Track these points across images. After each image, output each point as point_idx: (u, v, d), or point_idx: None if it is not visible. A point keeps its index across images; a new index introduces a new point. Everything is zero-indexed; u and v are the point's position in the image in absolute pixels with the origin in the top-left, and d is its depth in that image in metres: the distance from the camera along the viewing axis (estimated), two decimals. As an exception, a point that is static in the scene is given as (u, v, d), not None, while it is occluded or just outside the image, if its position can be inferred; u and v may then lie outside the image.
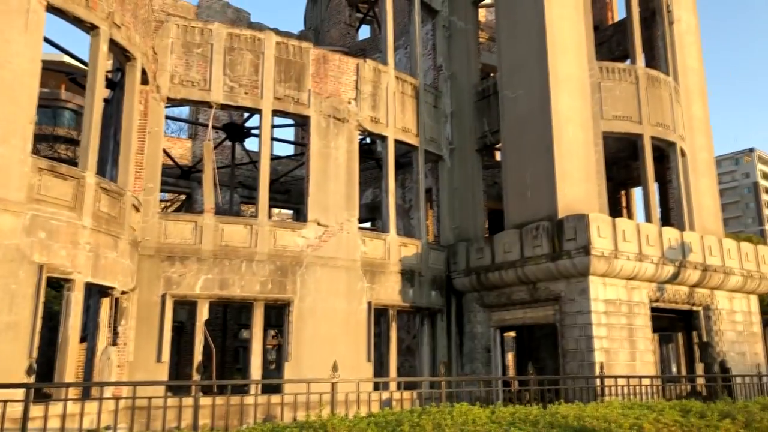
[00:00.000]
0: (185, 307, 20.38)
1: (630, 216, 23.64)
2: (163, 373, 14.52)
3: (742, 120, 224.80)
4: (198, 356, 15.16)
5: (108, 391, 11.96)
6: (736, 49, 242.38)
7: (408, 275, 18.56)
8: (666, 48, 21.04)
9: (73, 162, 19.50)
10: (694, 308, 18.38)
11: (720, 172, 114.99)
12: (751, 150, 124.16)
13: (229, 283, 15.64)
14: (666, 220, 20.77)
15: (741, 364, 18.30)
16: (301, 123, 19.17)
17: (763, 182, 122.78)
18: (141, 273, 14.73)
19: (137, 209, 14.44)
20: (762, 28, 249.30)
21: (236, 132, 21.49)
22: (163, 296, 14.91)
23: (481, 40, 22.71)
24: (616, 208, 23.05)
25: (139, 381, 12.17)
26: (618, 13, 25.22)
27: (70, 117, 38.27)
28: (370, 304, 17.43)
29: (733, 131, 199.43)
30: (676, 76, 20.91)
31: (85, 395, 11.24)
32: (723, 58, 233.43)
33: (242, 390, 15.19)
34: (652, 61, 21.29)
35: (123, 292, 13.65)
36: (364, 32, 29.71)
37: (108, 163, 15.18)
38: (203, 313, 15.42)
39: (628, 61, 20.59)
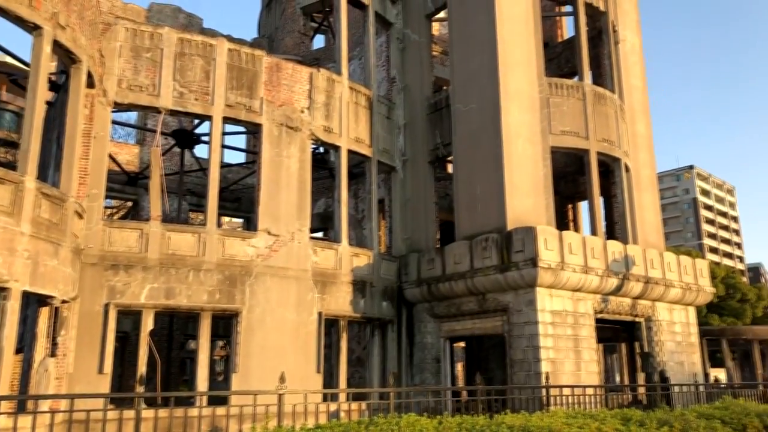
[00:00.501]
0: (130, 317, 19.82)
1: (576, 229, 24.23)
2: (105, 385, 14.06)
3: (683, 138, 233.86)
4: (142, 367, 14.75)
5: (45, 405, 11.49)
6: (679, 70, 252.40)
7: (359, 286, 18.53)
8: (612, 66, 21.73)
9: (13, 166, 18.78)
10: (637, 319, 18.92)
11: (662, 188, 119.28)
12: (691, 167, 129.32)
13: (175, 293, 15.30)
14: (611, 234, 21.37)
15: (680, 374, 18.92)
16: (253, 131, 18.98)
17: (701, 198, 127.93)
18: (83, 281, 14.27)
19: (80, 216, 13.99)
20: (705, 53, 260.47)
21: (186, 138, 21.11)
22: (107, 306, 14.47)
23: (434, 53, 23.00)
24: (563, 221, 23.59)
25: (78, 393, 11.73)
26: (567, 31, 25.96)
27: (11, 119, 36.82)
28: (320, 314, 17.31)
29: (674, 149, 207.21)
30: (621, 94, 21.61)
31: (20, 409, 10.77)
32: (666, 78, 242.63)
33: (188, 402, 14.83)
34: (598, 79, 21.95)
35: (63, 302, 13.17)
36: (319, 42, 29.71)
37: (50, 167, 14.67)
38: (148, 324, 15.03)
39: (576, 78, 21.17)
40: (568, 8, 23.65)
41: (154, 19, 25.13)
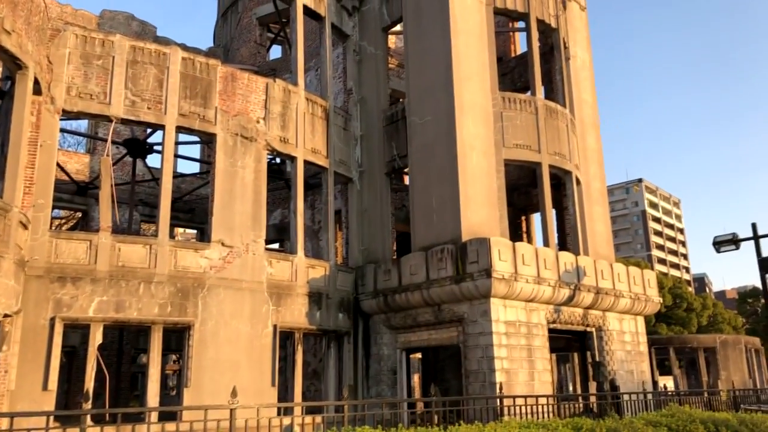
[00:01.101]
0: (78, 331, 19.23)
1: (529, 240, 24.65)
2: (49, 402, 13.56)
3: (633, 152, 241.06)
4: (89, 383, 14.28)
5: (-16, 424, 11.01)
6: (628, 86, 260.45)
7: (315, 297, 18.41)
8: (563, 82, 22.28)
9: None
10: (588, 329, 19.32)
11: (612, 200, 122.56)
12: (640, 180, 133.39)
13: (125, 306, 14.91)
14: (563, 245, 21.81)
15: (629, 382, 19.37)
16: (207, 141, 18.73)
17: (650, 211, 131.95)
18: (27, 295, 13.77)
19: (25, 227, 13.53)
20: (654, 69, 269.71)
21: (138, 148, 20.68)
22: (52, 320, 13.99)
23: (390, 66, 23.17)
24: (516, 233, 23.98)
25: (20, 412, 11.29)
26: (520, 47, 26.52)
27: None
28: (275, 327, 17.12)
29: (624, 162, 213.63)
30: (572, 109, 22.16)
31: (-43, 429, 10.29)
32: (616, 93, 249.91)
33: (138, 418, 14.43)
34: (550, 94, 22.48)
35: (5, 315, 12.67)
36: (276, 52, 29.57)
37: (-7, 176, 14.14)
38: (96, 338, 14.58)
39: (529, 93, 21.61)
40: (521, 24, 24.17)
41: (106, 26, 24.62)
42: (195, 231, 29.26)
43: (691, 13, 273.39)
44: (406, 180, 23.08)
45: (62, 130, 18.74)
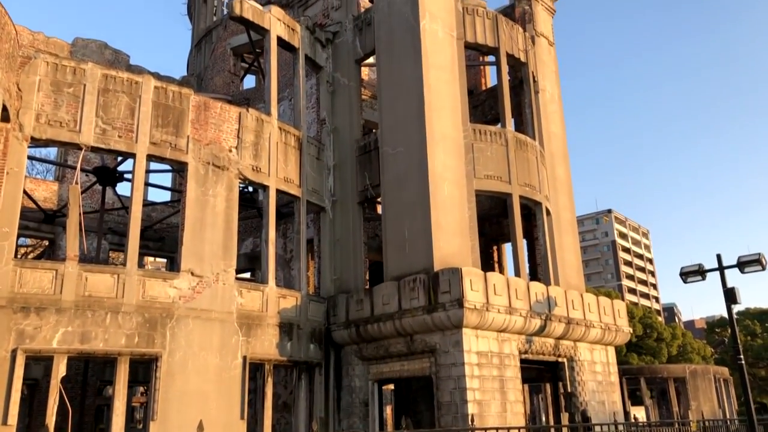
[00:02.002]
0: (41, 363, 18.70)
1: (501, 270, 24.82)
2: (8, 437, 13.11)
3: (602, 183, 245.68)
4: (51, 417, 13.86)
5: (-62, 461, 10.59)
6: (597, 116, 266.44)
7: (286, 328, 18.22)
8: (532, 114, 22.74)
9: None
10: (560, 359, 19.39)
11: (582, 231, 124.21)
12: (609, 211, 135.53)
13: (91, 337, 14.57)
14: (534, 275, 22.00)
15: (601, 413, 19.43)
16: (179, 169, 18.62)
17: (620, 241, 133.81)
18: (-12, 326, 13.38)
19: (-12, 255, 13.22)
20: (623, 100, 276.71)
21: (108, 176, 20.45)
22: (14, 351, 13.61)
23: (363, 97, 23.41)
24: (488, 263, 24.14)
25: (-22, 448, 10.89)
26: (490, 80, 27.06)
27: None
28: (245, 358, 16.86)
29: (593, 193, 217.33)
30: (541, 141, 22.58)
31: None
32: (584, 124, 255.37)
33: (100, 454, 14.01)
34: (520, 126, 22.89)
35: (-35, 348, 12.29)
36: (250, 82, 29.74)
37: (-43, 204, 13.86)
38: (60, 370, 14.21)
39: (499, 125, 21.98)
40: (491, 58, 24.69)
41: (79, 54, 24.52)
42: (165, 260, 28.85)
43: (662, 43, 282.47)
44: (379, 209, 23.17)
45: (30, 158, 18.48)
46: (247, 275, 24.87)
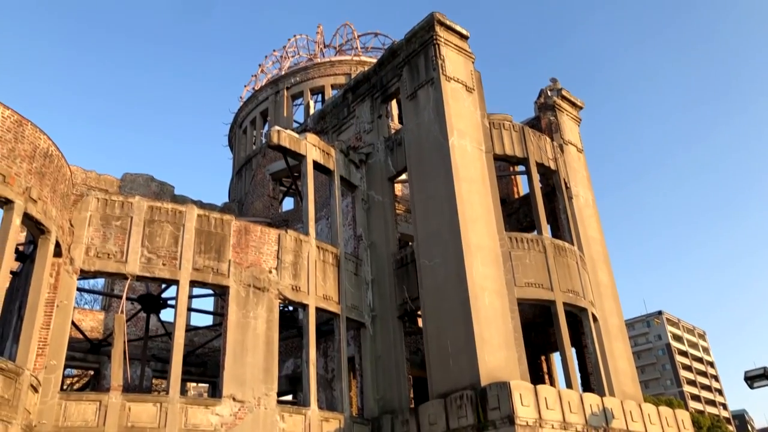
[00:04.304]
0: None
1: (551, 382, 23.81)
2: None
3: (647, 284, 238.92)
4: None
5: None
6: (634, 222, 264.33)
7: (330, 453, 17.55)
8: (568, 220, 22.73)
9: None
10: (622, 476, 18.05)
11: (634, 335, 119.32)
12: (660, 312, 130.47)
13: (132, 470, 14.27)
14: (586, 385, 21.03)
15: None
16: (221, 293, 18.93)
17: (675, 344, 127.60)
18: (32, 462, 13.27)
19: (35, 389, 13.37)
20: (657, 199, 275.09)
21: (152, 303, 20.89)
22: (55, 488, 13.37)
23: (398, 211, 23.87)
24: (537, 374, 23.24)
25: None
26: (522, 188, 27.39)
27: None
28: (289, 487, 16.18)
29: (640, 295, 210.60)
30: (580, 245, 22.39)
31: None
32: (623, 228, 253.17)
33: None
34: (557, 232, 22.83)
35: (8, 486, 12.15)
36: (288, 204, 30.72)
37: (9, 339, 14.23)
38: (100, 507, 13.82)
39: (535, 232, 21.97)
40: (521, 168, 25.14)
41: (127, 188, 25.90)
42: (207, 385, 28.63)
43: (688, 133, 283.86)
44: (420, 322, 22.87)
45: (79, 289, 19.09)
46: (289, 397, 24.39)
